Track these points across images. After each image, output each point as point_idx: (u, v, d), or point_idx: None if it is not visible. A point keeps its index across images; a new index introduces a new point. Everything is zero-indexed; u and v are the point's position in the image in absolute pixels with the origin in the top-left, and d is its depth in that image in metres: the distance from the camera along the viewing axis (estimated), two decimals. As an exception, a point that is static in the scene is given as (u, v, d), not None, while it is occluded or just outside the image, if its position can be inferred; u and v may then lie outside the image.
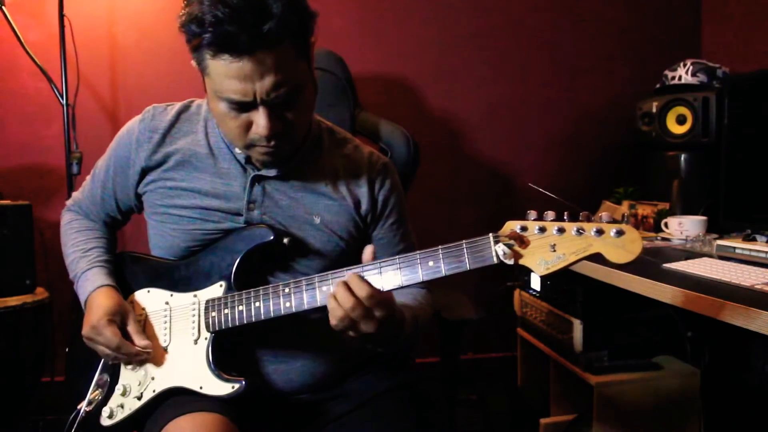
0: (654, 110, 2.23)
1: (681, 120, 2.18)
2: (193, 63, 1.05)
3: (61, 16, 2.11)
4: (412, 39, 2.57)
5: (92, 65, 2.32)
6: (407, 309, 1.12)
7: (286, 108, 1.04)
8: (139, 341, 1.13)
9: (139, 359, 1.15)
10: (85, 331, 1.13)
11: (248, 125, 1.04)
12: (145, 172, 1.20)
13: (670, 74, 2.27)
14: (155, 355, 1.15)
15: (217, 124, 1.15)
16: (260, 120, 1.02)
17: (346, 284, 0.97)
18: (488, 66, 2.63)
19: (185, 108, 1.23)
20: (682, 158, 2.18)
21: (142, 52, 2.38)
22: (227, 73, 0.98)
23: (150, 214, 1.22)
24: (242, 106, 1.02)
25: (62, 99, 2.13)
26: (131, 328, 1.14)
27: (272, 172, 1.16)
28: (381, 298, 0.97)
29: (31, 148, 2.35)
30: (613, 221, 0.88)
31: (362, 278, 0.97)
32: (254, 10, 0.94)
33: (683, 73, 2.22)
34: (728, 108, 1.89)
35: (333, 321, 0.98)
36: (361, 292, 0.96)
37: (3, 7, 2.06)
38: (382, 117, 1.81)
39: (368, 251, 1.02)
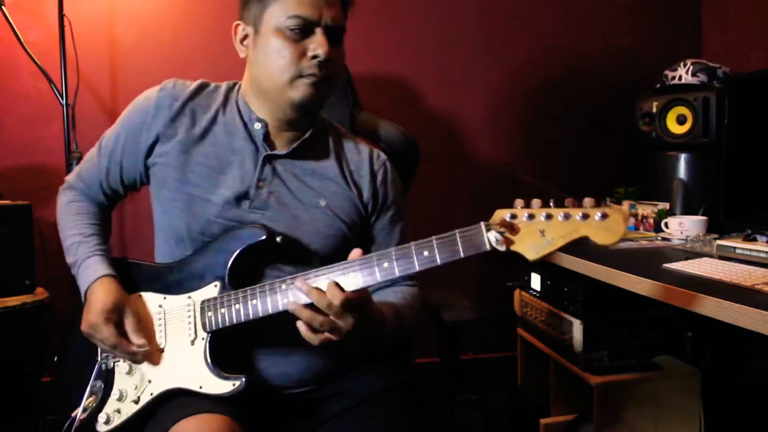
0: (654, 110, 2.23)
1: (681, 120, 2.17)
2: (242, 24, 1.18)
3: (61, 16, 2.11)
4: (412, 39, 2.57)
5: (92, 65, 2.32)
6: (388, 307, 1.15)
7: (336, 44, 1.15)
8: (135, 340, 1.13)
9: (136, 358, 1.14)
10: (84, 327, 1.14)
11: (302, 54, 1.13)
12: (159, 139, 1.21)
13: (670, 74, 2.27)
14: (151, 358, 1.15)
15: (268, 63, 1.15)
16: (319, 40, 1.12)
17: (320, 290, 1.01)
18: (488, 66, 2.63)
19: (205, 85, 1.27)
20: (682, 158, 2.18)
21: (142, 52, 2.37)
22: None
23: (158, 188, 1.22)
24: (305, 27, 1.12)
25: (62, 99, 2.13)
26: (128, 325, 1.14)
27: (284, 150, 1.20)
28: (354, 301, 1.01)
29: (31, 148, 2.35)
30: (597, 206, 0.92)
31: (337, 285, 1.01)
32: None
33: (683, 73, 2.21)
34: (728, 108, 1.88)
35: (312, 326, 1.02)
36: (335, 299, 0.99)
37: (3, 7, 2.06)
38: (382, 117, 1.81)
39: (355, 253, 1.05)
